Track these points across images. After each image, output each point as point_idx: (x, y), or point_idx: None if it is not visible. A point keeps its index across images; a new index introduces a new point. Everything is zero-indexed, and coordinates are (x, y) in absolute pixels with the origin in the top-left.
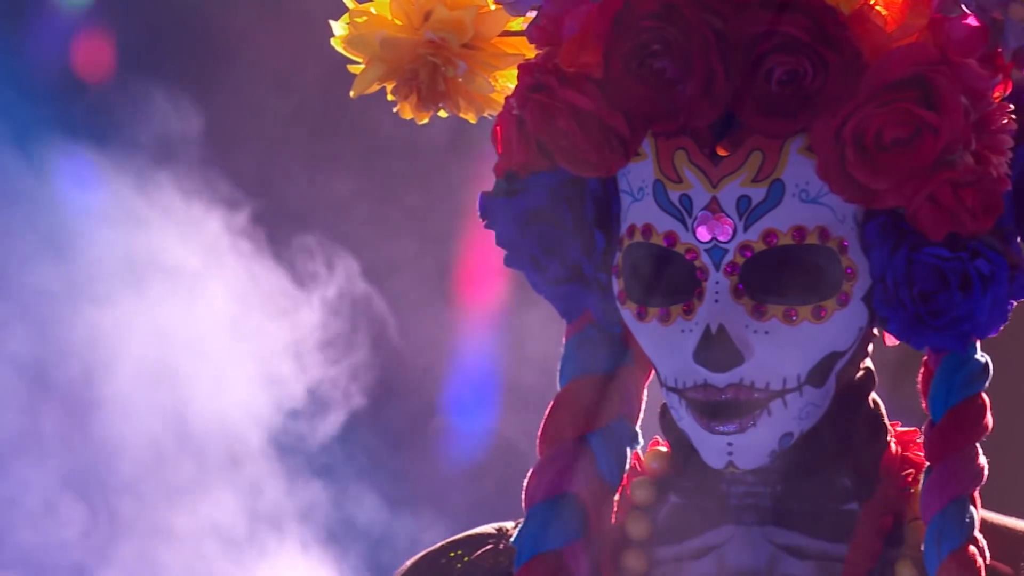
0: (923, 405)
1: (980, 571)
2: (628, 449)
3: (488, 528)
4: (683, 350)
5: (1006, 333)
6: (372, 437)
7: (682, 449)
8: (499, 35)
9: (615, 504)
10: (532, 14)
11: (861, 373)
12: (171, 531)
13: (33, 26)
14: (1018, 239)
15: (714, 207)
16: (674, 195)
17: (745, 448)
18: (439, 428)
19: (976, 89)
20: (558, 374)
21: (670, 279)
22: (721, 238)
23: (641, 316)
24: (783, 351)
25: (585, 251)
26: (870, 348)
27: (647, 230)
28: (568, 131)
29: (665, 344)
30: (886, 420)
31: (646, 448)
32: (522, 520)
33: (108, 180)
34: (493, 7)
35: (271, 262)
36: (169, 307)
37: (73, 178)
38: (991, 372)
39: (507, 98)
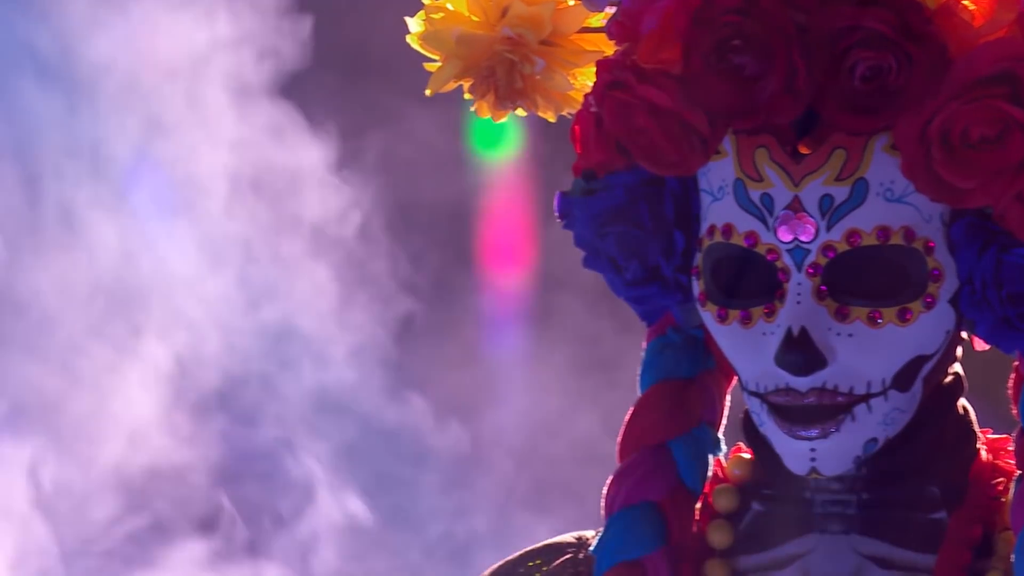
0: (1013, 411)
1: None
2: (710, 456)
3: (567, 537)
4: (764, 353)
5: None
6: None
7: (765, 455)
8: (578, 31)
9: (697, 512)
10: (611, 10)
11: (949, 378)
12: None
13: None
14: None
15: (796, 206)
16: (755, 194)
17: (828, 454)
18: None
19: None
20: (638, 379)
21: (751, 280)
22: (803, 238)
23: (722, 318)
24: (867, 354)
25: (664, 252)
26: (959, 352)
27: (727, 230)
28: (647, 129)
29: (746, 347)
30: (976, 426)
31: (728, 455)
32: (602, 529)
33: None
34: (571, 3)
35: None
36: None
37: None
38: None
39: (585, 96)
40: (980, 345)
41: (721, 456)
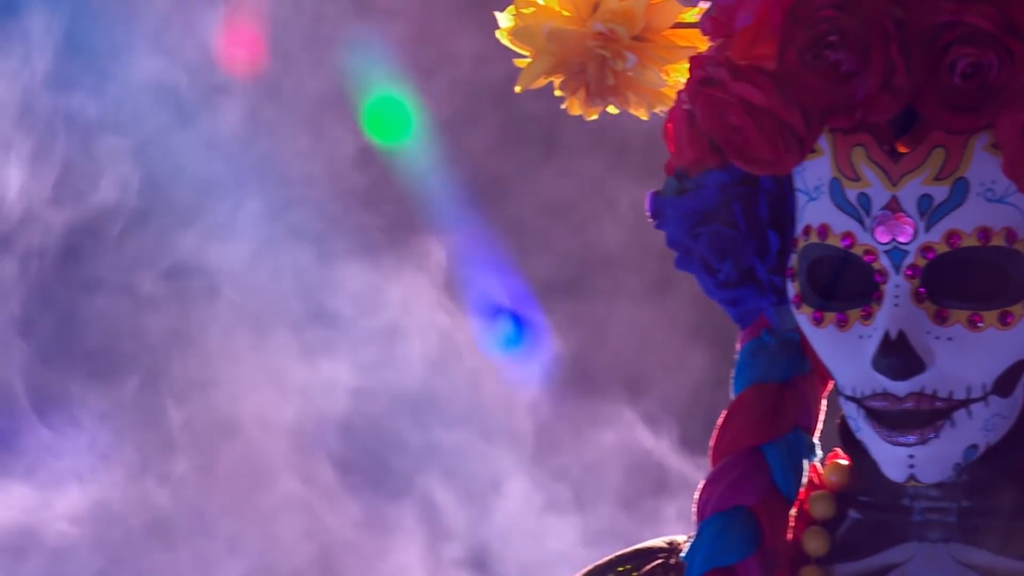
0: None
1: None
2: (805, 461)
3: (658, 542)
4: (861, 357)
5: None
6: None
7: (862, 462)
8: (670, 27)
9: (792, 519)
10: (705, 5)
11: None
12: None
13: None
14: None
15: (894, 206)
16: (851, 194)
17: (928, 461)
18: None
19: None
20: (732, 382)
21: (848, 282)
22: (901, 239)
23: (817, 321)
24: (967, 358)
25: (758, 253)
26: None
27: (823, 231)
28: (741, 127)
29: (842, 351)
30: None
31: (825, 460)
32: (693, 534)
33: None
34: None
35: None
36: None
37: None
38: None
39: (678, 93)
40: None
41: (817, 462)
